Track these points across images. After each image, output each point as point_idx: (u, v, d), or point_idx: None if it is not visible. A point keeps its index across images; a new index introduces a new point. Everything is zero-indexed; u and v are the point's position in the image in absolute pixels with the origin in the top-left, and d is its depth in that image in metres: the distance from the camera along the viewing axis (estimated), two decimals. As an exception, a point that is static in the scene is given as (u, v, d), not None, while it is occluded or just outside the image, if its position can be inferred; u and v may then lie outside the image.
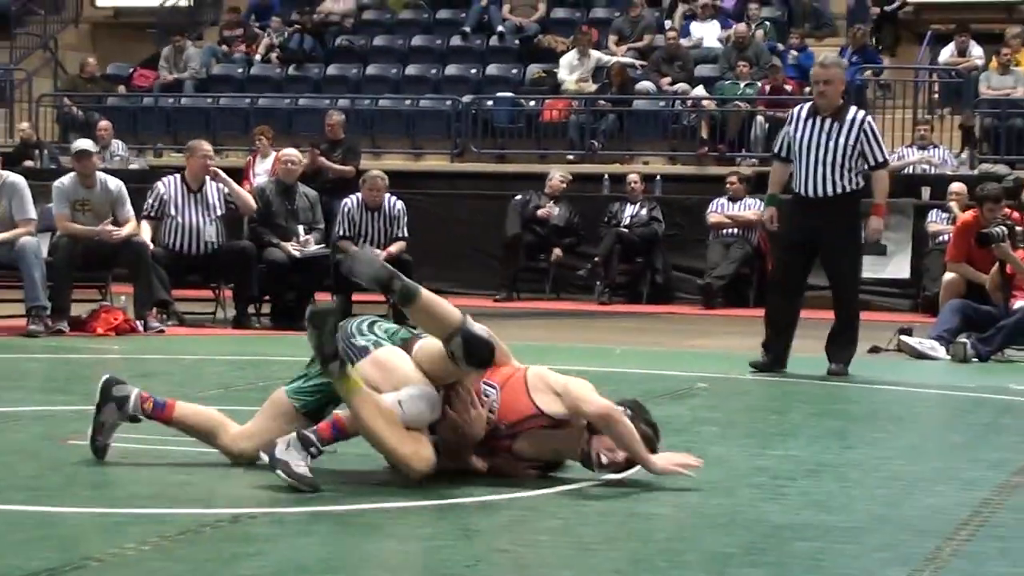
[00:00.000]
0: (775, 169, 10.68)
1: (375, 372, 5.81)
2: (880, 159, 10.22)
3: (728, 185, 17.86)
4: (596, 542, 5.05)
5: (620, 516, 5.38)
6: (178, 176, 13.72)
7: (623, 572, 4.61)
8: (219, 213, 13.53)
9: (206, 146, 13.93)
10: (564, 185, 18.08)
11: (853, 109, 10.39)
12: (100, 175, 12.88)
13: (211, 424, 6.25)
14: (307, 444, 5.64)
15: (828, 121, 10.10)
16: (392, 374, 5.80)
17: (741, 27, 21.64)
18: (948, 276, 12.59)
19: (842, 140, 10.03)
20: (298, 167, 14.20)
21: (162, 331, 12.57)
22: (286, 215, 13.89)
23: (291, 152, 14.48)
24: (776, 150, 10.64)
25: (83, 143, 13.27)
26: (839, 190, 10.05)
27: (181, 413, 6.29)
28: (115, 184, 12.84)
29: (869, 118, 10.34)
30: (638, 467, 5.83)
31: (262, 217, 13.87)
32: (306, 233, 13.80)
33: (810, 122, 10.13)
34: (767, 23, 22.30)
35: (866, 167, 10.12)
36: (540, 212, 17.86)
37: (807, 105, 10.30)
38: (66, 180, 12.83)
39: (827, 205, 10.06)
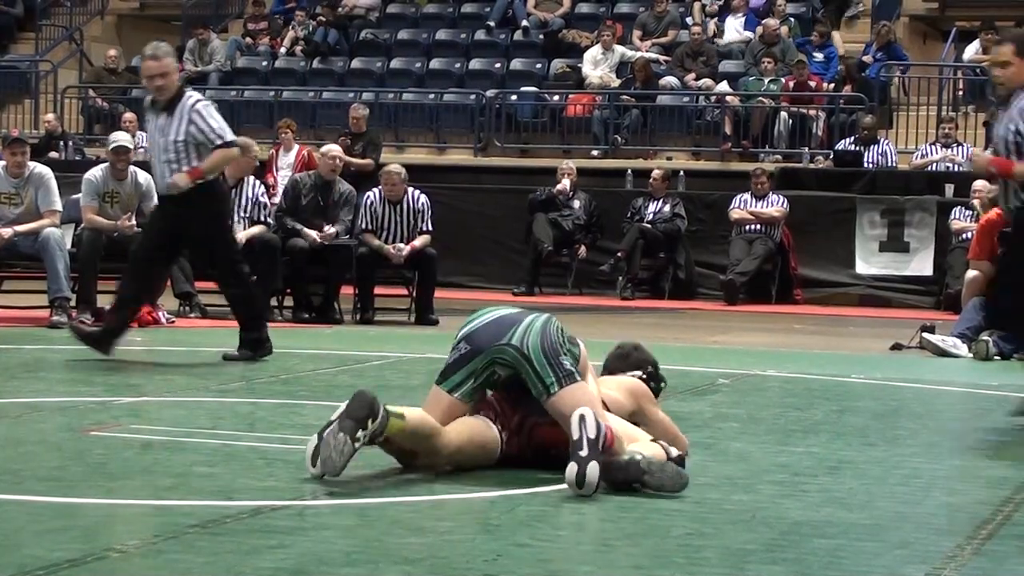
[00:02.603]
0: None
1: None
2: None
3: (753, 182, 17.81)
4: (615, 538, 5.04)
5: (640, 512, 5.37)
6: None
7: (642, 568, 4.61)
8: (248, 213, 13.54)
9: (256, 149, 13.94)
10: (572, 180, 17.99)
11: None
12: (131, 168, 12.92)
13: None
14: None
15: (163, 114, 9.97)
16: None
17: (771, 22, 21.58)
18: (971, 274, 12.55)
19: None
20: (339, 165, 14.11)
21: (173, 322, 12.59)
22: (315, 210, 13.85)
23: (333, 148, 14.42)
24: None
25: (121, 138, 13.34)
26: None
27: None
28: (145, 178, 12.87)
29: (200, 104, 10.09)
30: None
31: (290, 209, 13.87)
32: (331, 226, 13.78)
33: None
34: (791, 19, 22.24)
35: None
36: (556, 188, 17.85)
37: None
38: (98, 172, 12.87)
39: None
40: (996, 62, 8.30)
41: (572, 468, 5.49)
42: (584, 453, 5.49)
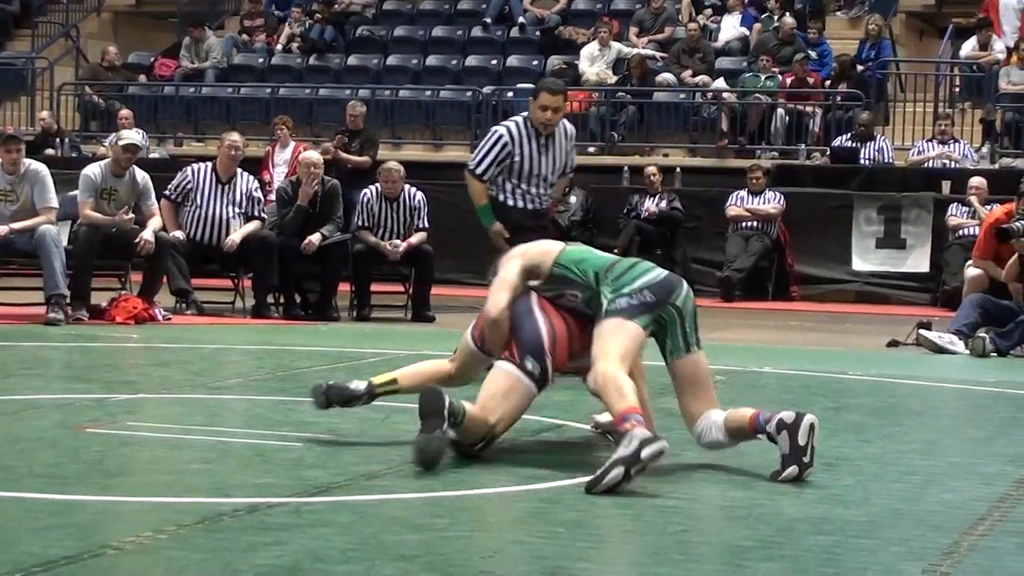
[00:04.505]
0: None
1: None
2: None
3: (749, 179, 17.80)
4: (612, 534, 5.04)
5: (637, 509, 5.37)
6: (209, 165, 13.73)
7: (639, 564, 4.61)
8: (243, 208, 13.54)
9: (233, 137, 13.91)
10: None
11: None
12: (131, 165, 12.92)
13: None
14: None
15: None
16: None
17: (788, 20, 21.53)
18: (972, 271, 12.54)
19: None
20: (315, 173, 13.88)
21: (169, 319, 12.60)
22: (305, 218, 13.69)
23: (311, 156, 14.18)
24: None
25: (132, 136, 13.39)
26: None
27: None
28: (142, 176, 12.88)
29: None
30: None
31: (281, 217, 13.80)
32: (328, 224, 13.71)
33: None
34: (784, 16, 22.19)
35: None
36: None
37: None
38: (96, 168, 12.86)
39: None
40: None
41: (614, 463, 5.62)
42: (625, 453, 5.62)
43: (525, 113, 9.47)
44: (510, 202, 9.41)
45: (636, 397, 5.94)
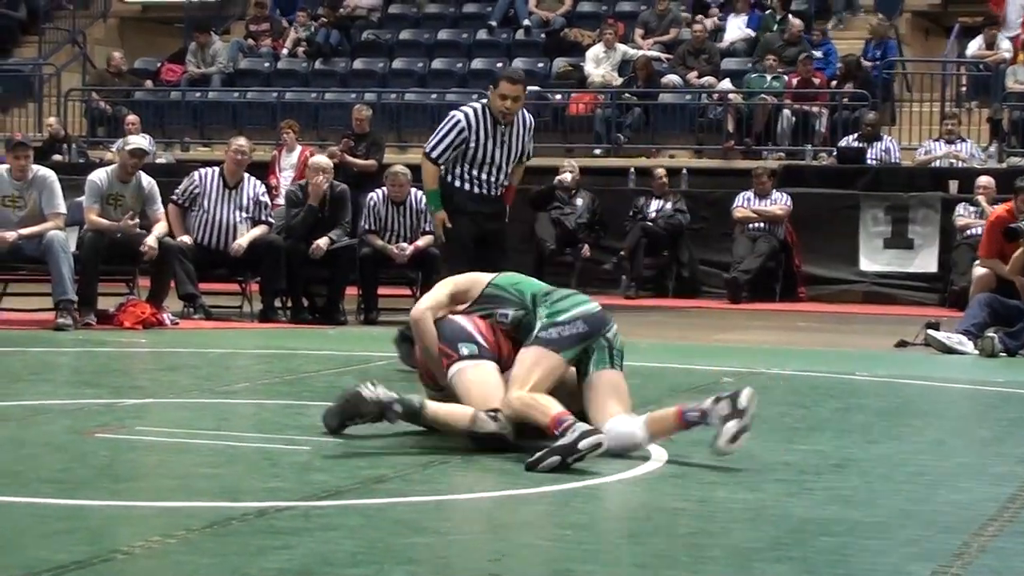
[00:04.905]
0: None
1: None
2: None
3: (756, 180, 17.79)
4: (620, 537, 5.04)
5: (645, 511, 5.37)
6: (216, 170, 13.73)
7: (648, 567, 4.60)
8: (250, 213, 13.54)
9: (239, 142, 13.91)
10: (574, 176, 18.00)
11: None
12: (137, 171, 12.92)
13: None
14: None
15: None
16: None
17: (796, 21, 21.52)
18: (979, 271, 12.53)
19: None
20: (324, 181, 13.88)
21: (177, 324, 12.60)
22: (314, 222, 13.70)
23: (320, 162, 14.18)
24: None
25: (140, 142, 13.39)
26: None
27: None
28: (148, 181, 12.89)
29: None
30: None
31: (290, 220, 13.79)
32: (335, 230, 13.69)
33: None
34: (788, 17, 22.17)
35: None
36: (557, 179, 17.88)
37: None
38: (103, 174, 12.86)
39: None
40: None
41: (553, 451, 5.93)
42: (565, 442, 5.93)
43: (485, 100, 9.52)
44: (457, 184, 9.46)
45: (558, 405, 6.17)
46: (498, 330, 6.63)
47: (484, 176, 9.52)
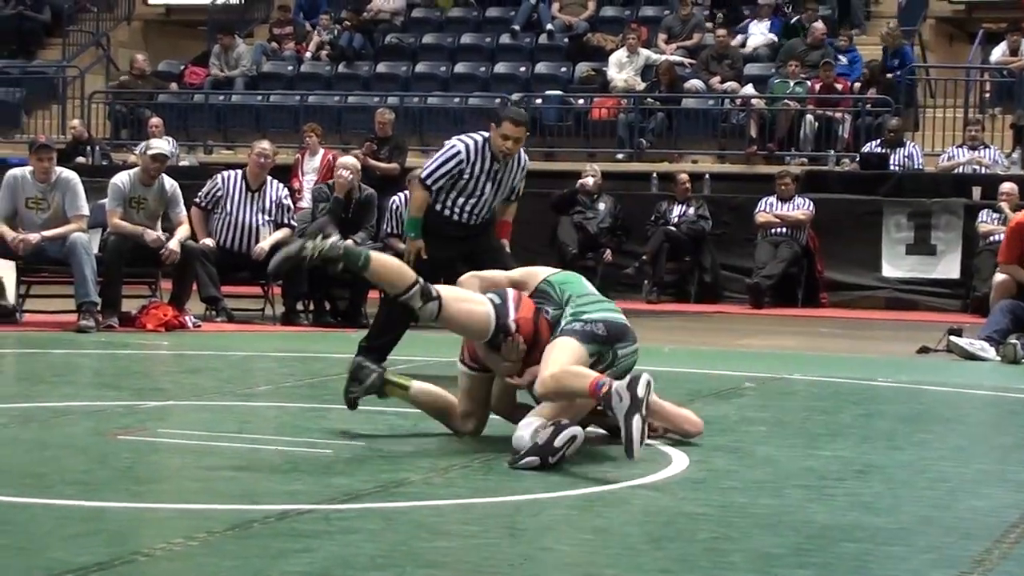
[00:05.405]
0: None
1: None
2: None
3: (778, 185, 17.76)
4: (641, 542, 5.04)
5: (666, 516, 5.36)
6: (239, 173, 13.76)
7: (669, 572, 4.60)
8: (273, 216, 13.55)
9: (263, 145, 13.93)
10: (596, 181, 18.00)
11: None
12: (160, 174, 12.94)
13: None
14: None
15: None
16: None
17: (818, 26, 21.49)
18: (999, 277, 12.50)
19: None
20: (350, 178, 13.88)
21: (199, 326, 12.62)
22: (337, 223, 13.72)
23: (348, 162, 14.20)
24: None
25: (161, 146, 13.41)
26: None
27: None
28: (170, 184, 12.91)
29: None
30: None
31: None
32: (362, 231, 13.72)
33: None
34: (811, 23, 22.12)
35: None
36: (579, 182, 17.89)
37: None
38: (125, 177, 12.89)
39: None
40: None
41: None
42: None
43: (486, 133, 9.48)
44: (439, 209, 9.42)
45: (593, 372, 6.33)
46: (542, 317, 6.69)
47: (469, 208, 9.48)
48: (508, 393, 6.88)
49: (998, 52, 21.13)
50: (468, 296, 6.72)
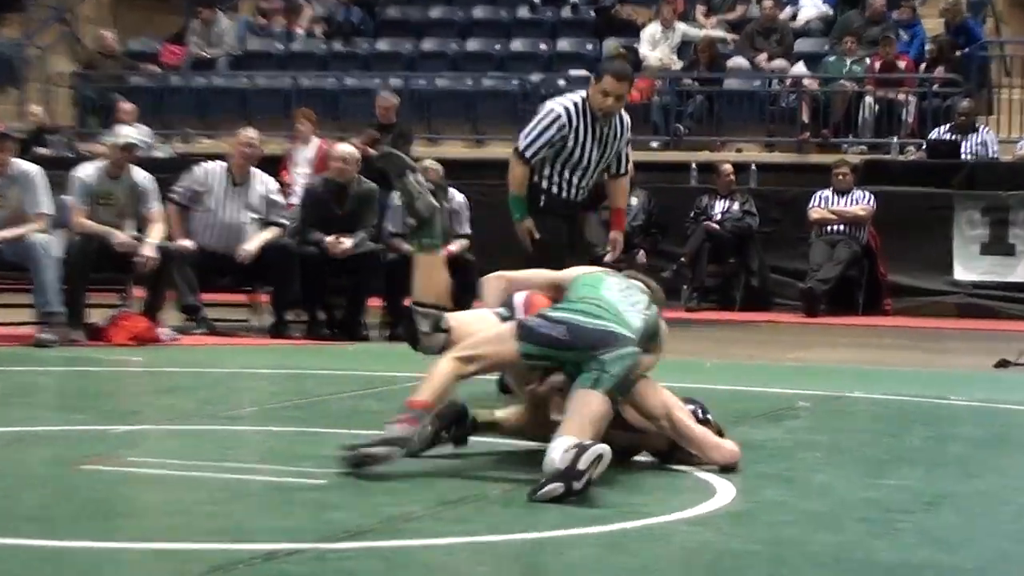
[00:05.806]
0: None
1: None
2: None
3: (834, 176, 17.76)
4: (682, 584, 5.01)
5: (708, 555, 5.34)
6: (221, 165, 13.74)
7: (713, 619, 4.57)
8: (260, 214, 13.54)
9: (248, 134, 13.93)
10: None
11: None
12: (128, 166, 12.93)
13: None
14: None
15: None
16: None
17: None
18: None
19: None
20: (348, 166, 13.93)
21: (176, 339, 12.62)
22: (330, 220, 13.73)
23: (343, 148, 14.28)
24: None
25: (130, 134, 13.44)
26: None
27: None
28: (143, 177, 12.91)
29: None
30: None
31: (309, 220, 13.82)
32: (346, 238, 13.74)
33: None
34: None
35: None
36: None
37: None
38: (90, 169, 12.91)
39: None
40: None
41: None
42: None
43: (584, 92, 9.48)
44: (544, 185, 9.45)
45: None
46: None
47: (575, 180, 9.53)
48: (537, 407, 6.93)
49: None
50: (474, 326, 7.01)
